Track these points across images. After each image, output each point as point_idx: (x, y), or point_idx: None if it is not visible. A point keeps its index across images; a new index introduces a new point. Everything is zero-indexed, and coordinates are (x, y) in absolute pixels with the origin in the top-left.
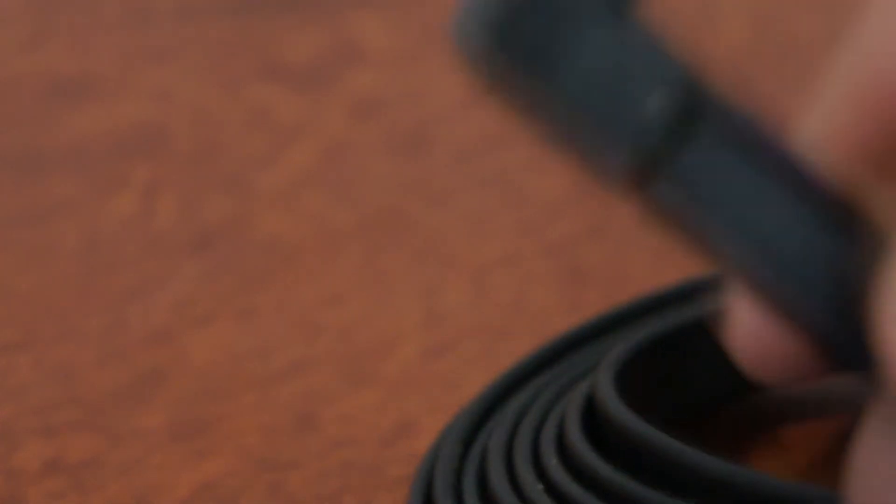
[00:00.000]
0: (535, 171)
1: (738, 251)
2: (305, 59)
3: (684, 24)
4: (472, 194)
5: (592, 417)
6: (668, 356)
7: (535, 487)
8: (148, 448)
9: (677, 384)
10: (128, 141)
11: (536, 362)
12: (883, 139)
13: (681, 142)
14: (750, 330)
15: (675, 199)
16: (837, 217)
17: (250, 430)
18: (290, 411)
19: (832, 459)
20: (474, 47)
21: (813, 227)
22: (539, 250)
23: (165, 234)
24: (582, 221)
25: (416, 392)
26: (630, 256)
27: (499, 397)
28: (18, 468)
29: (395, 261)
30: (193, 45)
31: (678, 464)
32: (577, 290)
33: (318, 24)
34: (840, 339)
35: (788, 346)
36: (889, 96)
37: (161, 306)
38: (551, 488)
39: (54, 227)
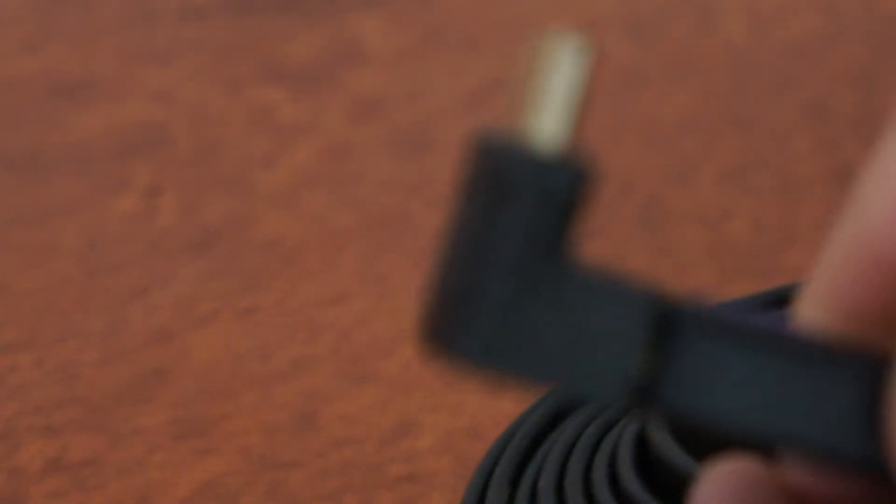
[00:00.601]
0: None
1: (755, 432)
2: (306, 59)
3: (683, 27)
4: None
5: (644, 455)
6: None
7: None
8: (149, 447)
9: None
10: (129, 141)
11: (559, 410)
12: (880, 302)
13: (663, 365)
14: (798, 477)
15: (681, 406)
16: (840, 364)
17: (251, 430)
18: (290, 410)
19: None
20: (444, 356)
21: (819, 385)
22: None
23: (167, 234)
24: (582, 221)
25: (416, 391)
26: (630, 256)
27: (542, 433)
28: (20, 467)
29: (395, 261)
30: (195, 46)
31: None
32: None
33: (319, 25)
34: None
35: (838, 485)
36: (880, 262)
37: (162, 306)
38: None
39: (56, 228)
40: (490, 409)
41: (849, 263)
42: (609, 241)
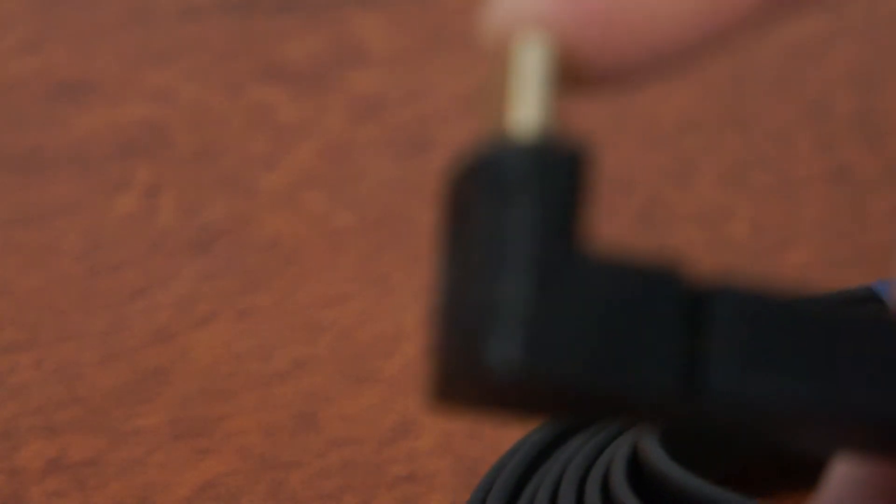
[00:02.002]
0: None
1: (812, 408)
2: (306, 59)
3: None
4: None
5: (639, 473)
6: None
7: None
8: (149, 447)
9: (723, 443)
10: (129, 141)
11: (562, 431)
12: None
13: (705, 351)
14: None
15: (733, 392)
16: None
17: (251, 430)
18: (290, 411)
19: None
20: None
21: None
22: None
23: (167, 234)
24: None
25: (416, 391)
26: None
27: (536, 460)
28: (21, 467)
29: (395, 261)
30: (195, 45)
31: None
32: None
33: (319, 25)
34: None
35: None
36: None
37: (162, 306)
38: None
39: (56, 228)
40: None
41: None
42: (608, 241)
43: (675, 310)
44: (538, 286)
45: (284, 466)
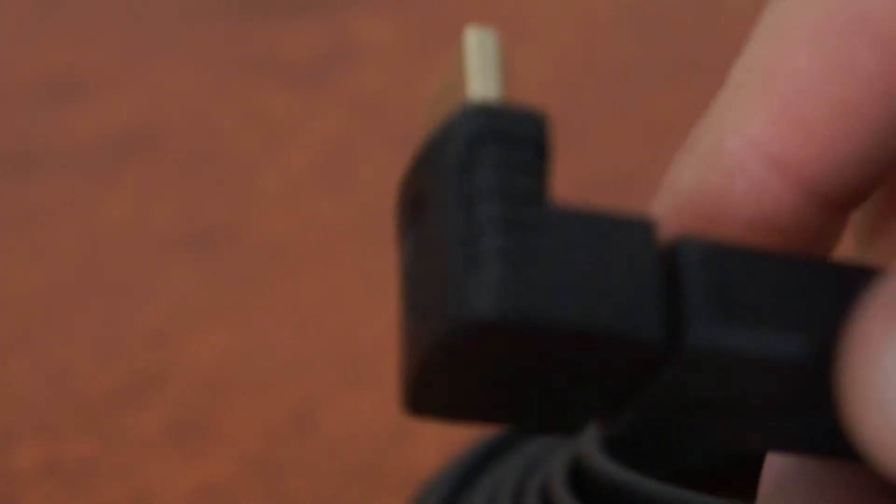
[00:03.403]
0: None
1: (794, 349)
2: (304, 57)
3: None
4: None
5: (579, 483)
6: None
7: None
8: (144, 450)
9: (668, 455)
10: (124, 140)
11: (490, 449)
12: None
13: (681, 299)
14: None
15: (717, 337)
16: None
17: (248, 433)
18: (288, 413)
19: None
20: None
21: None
22: None
23: (162, 234)
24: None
25: None
26: None
27: (467, 476)
28: (13, 470)
29: (394, 261)
30: (191, 43)
31: None
32: None
33: (318, 23)
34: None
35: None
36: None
37: (158, 307)
38: None
39: (49, 228)
40: None
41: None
42: None
43: (651, 260)
44: (512, 237)
45: (282, 469)
